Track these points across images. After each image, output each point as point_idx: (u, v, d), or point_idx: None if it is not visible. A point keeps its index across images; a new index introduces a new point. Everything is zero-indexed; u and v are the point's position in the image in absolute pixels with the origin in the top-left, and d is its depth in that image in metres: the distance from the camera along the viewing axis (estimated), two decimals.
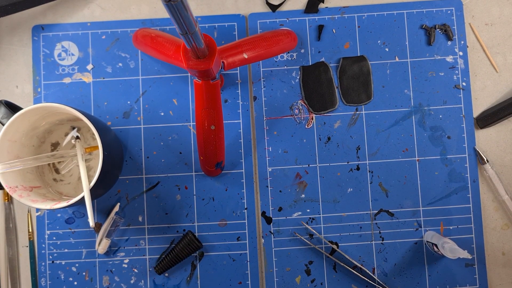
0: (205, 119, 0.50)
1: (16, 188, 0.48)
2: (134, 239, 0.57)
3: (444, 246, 0.50)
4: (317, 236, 0.57)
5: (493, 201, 0.57)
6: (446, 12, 0.59)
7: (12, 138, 0.49)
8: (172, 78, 0.59)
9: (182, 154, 0.58)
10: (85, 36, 0.59)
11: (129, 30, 0.59)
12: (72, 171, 0.57)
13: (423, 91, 0.58)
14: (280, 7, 0.60)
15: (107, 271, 0.57)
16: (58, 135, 0.57)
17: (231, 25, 0.59)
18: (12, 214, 0.58)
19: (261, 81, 0.59)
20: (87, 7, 0.60)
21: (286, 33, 0.57)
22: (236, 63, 0.51)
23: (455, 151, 0.57)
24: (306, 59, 0.59)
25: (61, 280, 0.57)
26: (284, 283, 0.57)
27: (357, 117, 0.58)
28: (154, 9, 0.60)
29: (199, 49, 0.41)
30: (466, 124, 0.58)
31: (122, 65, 0.59)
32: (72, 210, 0.57)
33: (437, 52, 0.58)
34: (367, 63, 0.58)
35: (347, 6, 0.59)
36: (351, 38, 0.59)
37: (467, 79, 0.58)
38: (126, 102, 0.58)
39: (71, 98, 0.58)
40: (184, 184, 0.58)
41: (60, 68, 0.59)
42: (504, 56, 0.59)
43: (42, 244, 0.57)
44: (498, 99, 0.58)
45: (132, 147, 0.58)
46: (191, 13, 0.35)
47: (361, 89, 0.58)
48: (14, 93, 0.59)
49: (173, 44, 0.52)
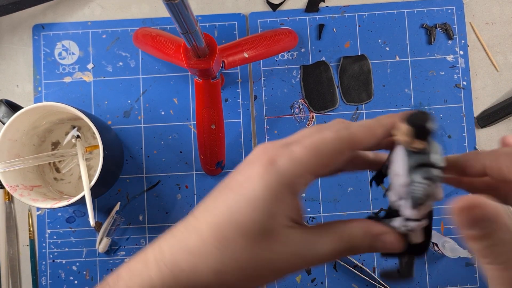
0: (205, 118, 0.50)
1: (17, 187, 0.48)
2: (134, 238, 0.57)
3: (444, 245, 0.50)
4: None
5: (494, 201, 0.57)
6: (446, 11, 0.59)
7: (12, 137, 0.49)
8: (173, 77, 0.59)
9: (182, 153, 0.58)
10: (86, 35, 0.59)
11: (130, 29, 0.59)
12: (73, 170, 0.57)
13: (424, 90, 0.58)
14: (281, 6, 0.59)
15: (108, 270, 0.57)
16: (58, 134, 0.57)
17: (232, 24, 0.59)
18: (12, 213, 0.58)
19: (261, 80, 0.59)
20: (87, 6, 0.60)
21: (287, 32, 0.56)
22: (237, 62, 0.51)
23: (456, 151, 0.57)
24: (306, 58, 0.59)
25: (61, 279, 0.57)
26: (284, 283, 0.56)
27: (358, 116, 0.58)
28: (154, 8, 0.60)
29: (199, 48, 0.41)
30: (467, 123, 0.58)
31: (122, 64, 0.59)
32: (72, 209, 0.57)
33: (438, 51, 0.58)
34: (368, 62, 0.58)
35: (347, 5, 0.59)
36: (352, 37, 0.59)
37: (467, 78, 0.58)
38: (127, 101, 0.58)
39: (71, 97, 0.58)
40: (185, 183, 0.58)
41: (61, 67, 0.59)
42: (504, 55, 0.59)
43: (42, 243, 0.57)
44: (499, 98, 0.58)
45: (133, 146, 0.58)
46: (192, 12, 0.35)
47: (361, 88, 0.58)
48: (15, 92, 0.59)
49: (173, 43, 0.52)
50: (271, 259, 0.25)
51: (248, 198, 0.24)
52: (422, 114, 0.24)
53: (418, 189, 0.24)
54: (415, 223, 0.26)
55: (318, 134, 0.25)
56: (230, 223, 0.24)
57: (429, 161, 0.24)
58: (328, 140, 0.25)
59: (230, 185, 0.26)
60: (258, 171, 0.25)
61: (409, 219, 0.26)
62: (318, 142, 0.25)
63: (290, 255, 0.25)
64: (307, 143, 0.25)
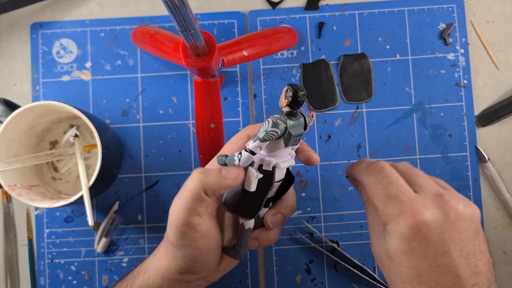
0: (204, 117, 0.50)
1: (15, 187, 0.48)
2: (133, 238, 0.57)
3: None
4: (317, 235, 0.57)
5: (494, 200, 0.57)
6: (447, 9, 0.58)
7: (10, 136, 0.49)
8: (172, 76, 0.58)
9: (181, 153, 0.58)
10: (84, 34, 0.59)
11: (128, 28, 0.59)
12: (71, 170, 0.56)
13: (424, 89, 0.58)
14: (280, 4, 0.59)
15: (107, 270, 0.57)
16: (56, 133, 0.56)
17: (231, 22, 0.59)
18: (10, 212, 0.57)
19: (261, 79, 0.58)
20: (85, 5, 0.59)
21: (286, 30, 0.56)
22: (236, 60, 0.51)
23: (456, 149, 0.57)
24: (306, 56, 0.58)
25: (60, 279, 0.56)
26: (284, 282, 0.56)
27: (358, 115, 0.58)
28: (153, 6, 0.59)
29: (198, 47, 0.41)
30: (467, 122, 0.57)
31: (121, 63, 0.58)
32: (71, 208, 0.57)
33: (438, 50, 0.58)
34: (368, 60, 0.58)
35: (347, 3, 0.59)
36: (352, 36, 0.58)
37: (468, 77, 0.58)
38: (125, 100, 0.58)
39: (69, 96, 0.58)
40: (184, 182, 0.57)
41: (59, 65, 0.58)
42: (505, 53, 0.58)
43: (41, 243, 0.57)
44: (500, 97, 0.58)
45: (131, 146, 0.58)
46: (191, 10, 0.34)
47: (361, 87, 0.58)
48: (13, 91, 0.59)
49: (172, 42, 0.51)
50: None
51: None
52: (300, 86, 0.36)
53: (261, 126, 0.36)
54: (246, 153, 0.36)
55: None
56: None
57: (279, 117, 0.36)
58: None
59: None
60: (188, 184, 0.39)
61: (246, 149, 0.36)
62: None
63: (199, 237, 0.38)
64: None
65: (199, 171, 0.38)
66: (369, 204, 0.40)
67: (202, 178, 0.37)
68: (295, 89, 0.35)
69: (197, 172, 0.38)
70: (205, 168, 0.38)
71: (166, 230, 0.40)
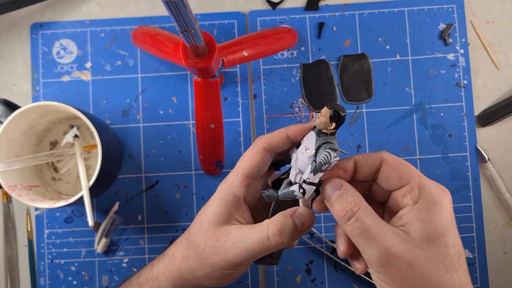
0: (204, 117, 0.50)
1: (15, 187, 0.48)
2: (133, 238, 0.57)
3: None
4: (317, 235, 0.57)
5: (494, 200, 0.57)
6: (447, 9, 0.58)
7: (10, 136, 0.49)
8: (172, 76, 0.58)
9: (181, 153, 0.58)
10: (84, 34, 0.59)
11: (128, 28, 0.59)
12: (71, 170, 0.56)
13: (424, 89, 0.58)
14: (280, 4, 0.59)
15: (107, 270, 0.57)
16: (57, 134, 0.56)
17: (231, 22, 0.59)
18: (11, 213, 0.57)
19: (261, 79, 0.58)
20: (85, 5, 0.59)
21: (286, 30, 0.56)
22: (236, 61, 0.51)
23: (456, 150, 0.57)
24: (306, 57, 0.58)
25: (60, 280, 0.56)
26: (285, 282, 0.56)
27: (358, 115, 0.58)
28: (153, 6, 0.59)
29: (198, 47, 0.41)
30: (468, 122, 0.57)
31: (121, 63, 0.58)
32: (71, 209, 0.57)
33: (438, 50, 0.58)
34: (368, 61, 0.58)
35: (347, 4, 0.59)
36: (352, 36, 0.58)
37: (468, 77, 0.58)
38: (125, 100, 0.58)
39: (69, 96, 0.58)
40: (184, 183, 0.57)
41: (59, 66, 0.58)
42: (505, 54, 0.58)
43: (41, 243, 0.57)
44: (500, 97, 0.58)
45: (131, 146, 0.58)
46: (191, 10, 0.34)
47: (362, 87, 0.58)
48: (13, 91, 0.59)
49: (172, 42, 0.51)
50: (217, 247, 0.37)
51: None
52: (341, 106, 0.33)
53: (321, 156, 0.32)
54: (310, 186, 0.34)
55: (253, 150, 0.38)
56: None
57: (332, 142, 0.33)
58: (257, 155, 0.38)
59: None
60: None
61: (306, 181, 0.34)
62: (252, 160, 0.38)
63: (230, 244, 0.36)
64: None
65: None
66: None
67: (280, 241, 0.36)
68: (338, 110, 0.33)
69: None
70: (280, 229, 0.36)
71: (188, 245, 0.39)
